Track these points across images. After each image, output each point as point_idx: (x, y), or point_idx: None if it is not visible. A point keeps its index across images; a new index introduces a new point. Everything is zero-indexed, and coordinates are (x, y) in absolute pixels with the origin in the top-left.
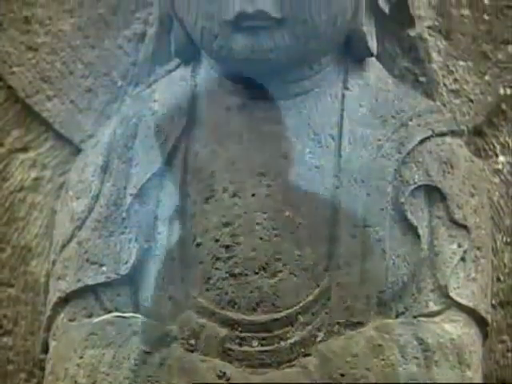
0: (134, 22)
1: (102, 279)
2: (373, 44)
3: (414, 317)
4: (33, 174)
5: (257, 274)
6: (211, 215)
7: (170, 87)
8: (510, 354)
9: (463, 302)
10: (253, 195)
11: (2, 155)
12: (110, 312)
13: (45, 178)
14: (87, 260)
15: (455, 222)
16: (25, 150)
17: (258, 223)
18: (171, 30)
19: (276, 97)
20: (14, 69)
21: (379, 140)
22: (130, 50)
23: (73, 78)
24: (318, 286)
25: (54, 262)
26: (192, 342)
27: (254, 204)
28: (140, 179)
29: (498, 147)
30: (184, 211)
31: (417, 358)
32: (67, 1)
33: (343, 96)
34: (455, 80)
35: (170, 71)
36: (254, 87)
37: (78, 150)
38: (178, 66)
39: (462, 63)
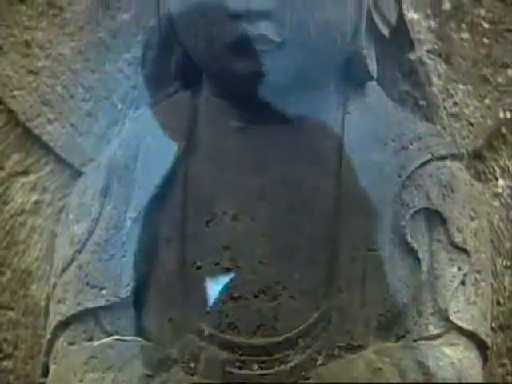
0: (134, 45)
1: (102, 302)
2: (373, 67)
3: (414, 340)
4: (33, 198)
5: (257, 297)
6: (211, 238)
7: (170, 110)
8: (510, 378)
9: (463, 325)
10: (253, 219)
11: (2, 179)
12: (110, 335)
13: (45, 201)
14: (87, 283)
15: (455, 246)
16: (25, 173)
17: (257, 246)
18: (172, 53)
19: (276, 120)
20: (15, 92)
21: (379, 163)
22: (130, 73)
23: (73, 101)
24: (318, 309)
25: (54, 286)
26: (192, 365)
27: (253, 227)
28: (140, 202)
29: (498, 171)
30: (184, 234)
31: (417, 381)
32: (67, 25)
33: (343, 119)
34: (455, 103)
35: (171, 94)
36: (253, 110)
37: (78, 174)
38: (178, 90)
39: (461, 87)
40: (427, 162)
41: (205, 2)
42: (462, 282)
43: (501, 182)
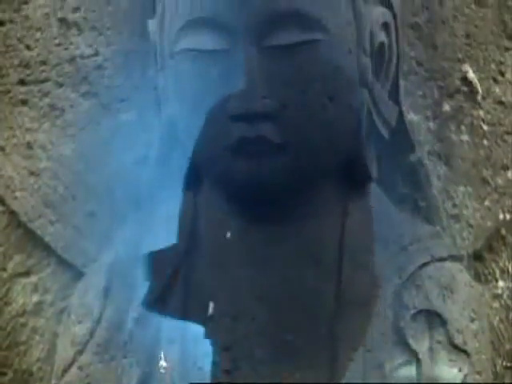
0: (135, 145)
1: None
2: (373, 169)
3: None
4: (35, 299)
5: None
6: (211, 339)
7: (171, 211)
8: None
9: None
10: (253, 319)
11: (4, 279)
12: None
13: (47, 302)
14: None
15: (455, 347)
16: (27, 274)
17: (258, 347)
18: (173, 153)
19: (276, 221)
20: (17, 193)
21: (379, 265)
22: (132, 173)
23: (75, 202)
24: None
25: None
26: None
27: (254, 328)
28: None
29: (498, 272)
30: (184, 335)
31: None
32: (69, 126)
33: (343, 220)
34: (455, 205)
35: (172, 195)
36: (254, 211)
37: (80, 274)
38: (179, 190)
39: (461, 188)
40: (427, 263)
41: (205, 104)
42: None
43: (501, 283)
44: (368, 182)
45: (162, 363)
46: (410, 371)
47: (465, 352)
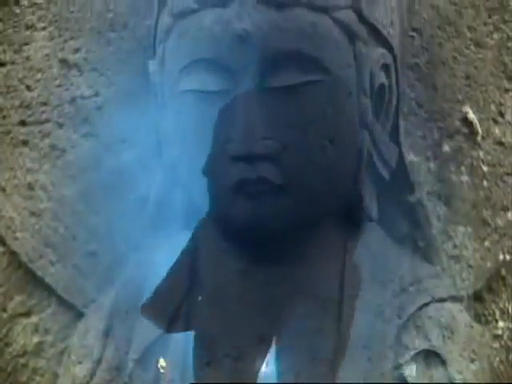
0: (136, 186)
1: None
2: (373, 209)
3: None
4: (35, 339)
5: None
6: (212, 380)
7: (172, 251)
8: None
9: None
10: (253, 360)
11: (4, 320)
12: None
13: (47, 342)
14: None
15: None
16: (27, 314)
17: None
18: (174, 194)
19: (277, 261)
20: (18, 234)
21: (379, 305)
22: (132, 213)
23: (76, 242)
24: None
25: None
26: None
27: (254, 369)
28: (142, 344)
29: (498, 313)
30: (185, 376)
31: None
32: (70, 167)
33: (343, 260)
34: (455, 245)
35: (172, 235)
36: (255, 251)
37: (80, 315)
38: (180, 231)
39: (461, 229)
40: (427, 303)
41: (206, 145)
42: None
43: (501, 323)
44: (368, 221)
45: (162, 363)
46: None
47: None
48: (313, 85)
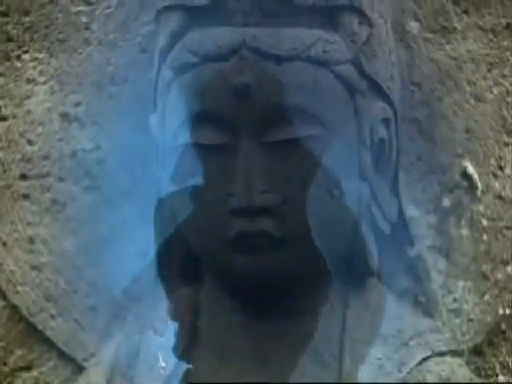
0: (137, 238)
1: None
2: (373, 263)
3: None
4: None
5: None
6: None
7: (174, 304)
8: None
9: None
10: None
11: (5, 374)
12: None
13: None
14: None
15: None
16: (28, 368)
17: None
18: (174, 247)
19: (277, 315)
20: (18, 288)
21: (380, 359)
22: (132, 267)
23: (76, 296)
24: None
25: None
26: None
27: None
28: None
29: (498, 367)
30: None
31: None
32: (70, 220)
33: (344, 314)
34: (455, 299)
35: (172, 289)
36: (255, 306)
37: (80, 369)
38: (180, 285)
39: (461, 283)
40: (427, 357)
41: (206, 198)
42: None
43: (501, 377)
44: (369, 276)
45: (162, 363)
46: None
47: None
48: (312, 139)
